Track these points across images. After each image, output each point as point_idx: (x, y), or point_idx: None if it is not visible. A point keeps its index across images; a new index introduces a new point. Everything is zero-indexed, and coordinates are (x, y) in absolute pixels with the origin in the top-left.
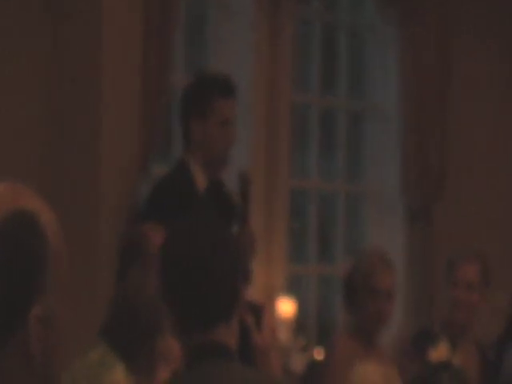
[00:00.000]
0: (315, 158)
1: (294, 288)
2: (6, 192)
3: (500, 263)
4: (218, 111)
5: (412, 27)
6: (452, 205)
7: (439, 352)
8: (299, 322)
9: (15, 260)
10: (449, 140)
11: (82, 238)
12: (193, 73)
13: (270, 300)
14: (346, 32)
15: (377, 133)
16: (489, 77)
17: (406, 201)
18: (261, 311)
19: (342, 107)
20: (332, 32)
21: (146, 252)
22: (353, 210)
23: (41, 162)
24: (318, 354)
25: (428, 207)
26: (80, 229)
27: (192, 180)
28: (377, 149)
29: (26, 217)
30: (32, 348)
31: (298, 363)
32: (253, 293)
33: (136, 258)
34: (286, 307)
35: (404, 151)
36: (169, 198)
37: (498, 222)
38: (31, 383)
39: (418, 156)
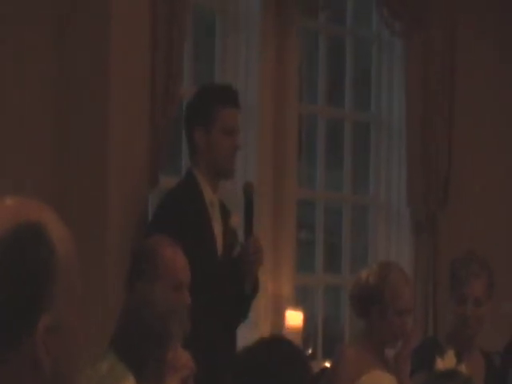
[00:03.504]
0: (322, 169)
1: (300, 298)
2: (15, 205)
3: (505, 272)
4: (219, 120)
5: (418, 40)
6: (457, 215)
7: (446, 361)
8: (306, 332)
9: (20, 269)
10: (454, 151)
11: (91, 251)
12: (200, 85)
13: (279, 310)
14: (352, 44)
15: (383, 144)
16: (495, 89)
17: (412, 211)
18: None
19: (348, 119)
20: (338, 44)
21: (155, 264)
22: (359, 221)
23: (50, 175)
24: (326, 364)
25: (433, 218)
26: (89, 241)
27: (200, 192)
28: (383, 160)
29: (33, 227)
30: (40, 358)
31: None
32: (261, 303)
33: (145, 269)
34: (294, 317)
35: (410, 162)
36: (177, 210)
37: (503, 232)
38: None
39: (424, 167)
